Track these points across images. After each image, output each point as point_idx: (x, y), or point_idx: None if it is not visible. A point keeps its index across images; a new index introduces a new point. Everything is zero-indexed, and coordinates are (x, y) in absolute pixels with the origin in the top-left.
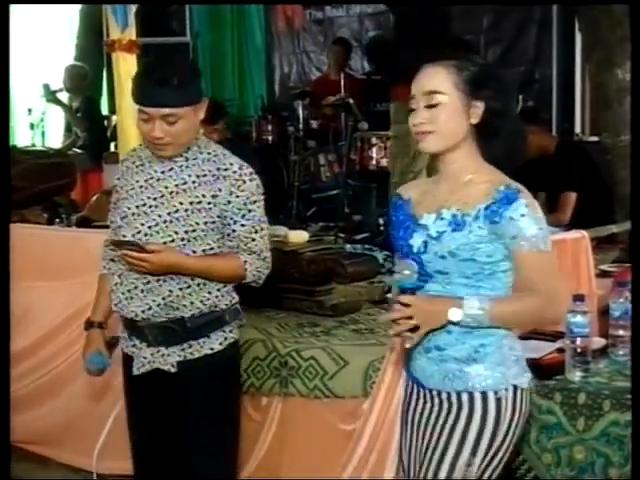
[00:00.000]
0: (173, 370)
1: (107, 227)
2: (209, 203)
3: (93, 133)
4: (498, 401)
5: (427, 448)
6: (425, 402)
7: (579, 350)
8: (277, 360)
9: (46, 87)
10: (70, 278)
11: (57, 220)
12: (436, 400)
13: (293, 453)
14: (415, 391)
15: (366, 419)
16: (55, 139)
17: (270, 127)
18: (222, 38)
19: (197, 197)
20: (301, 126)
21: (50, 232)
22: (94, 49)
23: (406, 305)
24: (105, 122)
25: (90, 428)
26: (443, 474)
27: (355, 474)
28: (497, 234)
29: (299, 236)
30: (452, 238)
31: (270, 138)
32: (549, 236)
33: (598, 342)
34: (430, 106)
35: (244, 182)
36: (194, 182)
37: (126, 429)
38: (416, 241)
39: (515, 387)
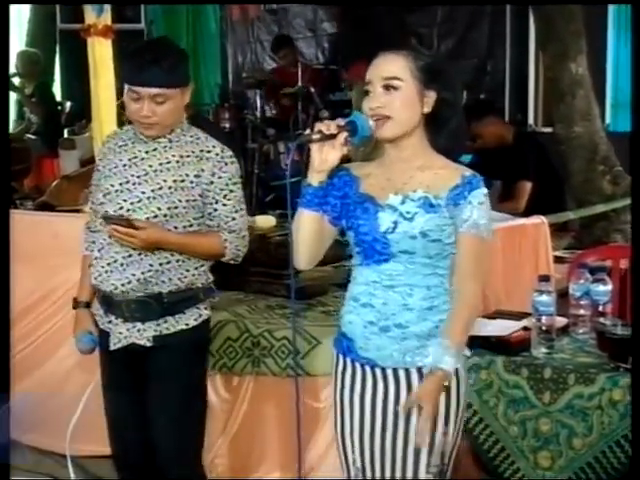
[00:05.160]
0: (149, 344)
1: (71, 212)
2: (191, 182)
3: (47, 119)
4: (456, 370)
5: (396, 430)
6: (376, 383)
7: (544, 328)
8: (249, 340)
9: None
10: (37, 261)
11: (11, 206)
12: (391, 379)
13: (264, 431)
14: (360, 373)
15: None
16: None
17: (227, 115)
18: (177, 26)
19: (180, 175)
20: (258, 114)
21: (16, 216)
22: (46, 35)
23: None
24: (59, 108)
25: (59, 410)
26: (424, 451)
27: (327, 450)
28: (453, 217)
29: (266, 221)
30: (426, 219)
31: (228, 126)
32: (492, 228)
33: (560, 321)
34: (387, 91)
35: (226, 164)
36: (177, 161)
37: (98, 410)
38: (384, 221)
39: (464, 355)
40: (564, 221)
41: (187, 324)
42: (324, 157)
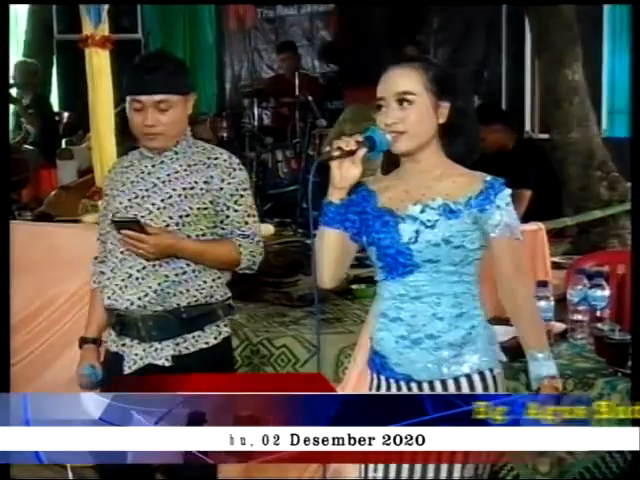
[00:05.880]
0: (168, 364)
1: (70, 222)
2: (201, 189)
3: (45, 129)
4: (494, 378)
5: None
6: None
7: None
8: (249, 349)
9: None
10: (36, 271)
11: (10, 217)
12: (427, 392)
13: None
14: (395, 389)
15: None
16: None
17: (225, 124)
18: (173, 36)
19: (190, 183)
20: (256, 123)
21: (15, 226)
22: (43, 46)
23: None
24: (56, 118)
25: None
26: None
27: None
28: (479, 222)
29: (265, 229)
30: (448, 225)
31: (225, 135)
32: (521, 228)
33: (559, 327)
34: (402, 106)
35: (234, 170)
36: (185, 170)
37: None
38: (405, 232)
39: (500, 362)
40: (561, 227)
41: (207, 342)
42: (344, 174)
